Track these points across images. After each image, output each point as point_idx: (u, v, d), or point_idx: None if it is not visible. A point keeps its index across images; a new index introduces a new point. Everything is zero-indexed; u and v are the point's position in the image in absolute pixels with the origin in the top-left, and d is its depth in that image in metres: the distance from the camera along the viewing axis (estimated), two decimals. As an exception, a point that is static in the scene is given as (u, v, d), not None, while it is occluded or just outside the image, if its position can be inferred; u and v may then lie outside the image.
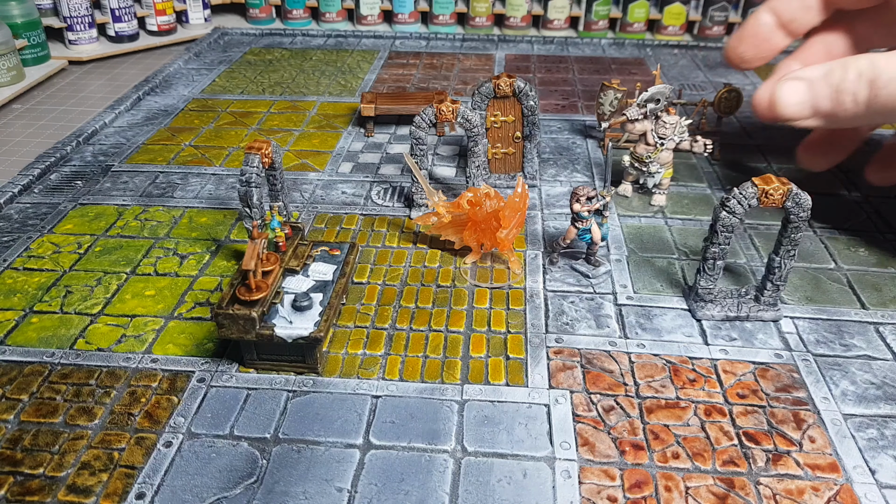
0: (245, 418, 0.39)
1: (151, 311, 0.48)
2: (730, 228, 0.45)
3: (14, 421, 0.39)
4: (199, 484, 0.36)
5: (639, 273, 0.53)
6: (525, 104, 0.63)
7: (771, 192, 0.43)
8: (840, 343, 0.46)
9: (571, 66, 1.01)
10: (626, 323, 0.48)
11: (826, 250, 0.57)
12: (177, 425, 0.39)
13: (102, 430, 0.39)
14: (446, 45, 1.10)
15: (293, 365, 0.42)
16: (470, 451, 0.38)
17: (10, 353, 0.44)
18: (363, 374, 0.43)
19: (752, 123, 0.83)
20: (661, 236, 0.58)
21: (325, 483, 0.36)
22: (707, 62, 1.05)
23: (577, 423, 0.39)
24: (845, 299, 0.50)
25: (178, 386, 0.42)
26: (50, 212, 0.60)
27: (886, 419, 0.40)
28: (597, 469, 0.37)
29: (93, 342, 0.45)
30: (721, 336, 0.46)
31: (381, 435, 0.39)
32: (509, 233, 0.50)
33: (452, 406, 0.41)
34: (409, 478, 0.36)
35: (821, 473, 0.37)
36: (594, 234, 0.52)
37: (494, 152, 0.66)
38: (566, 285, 0.51)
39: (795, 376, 0.43)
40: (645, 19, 1.14)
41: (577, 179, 0.67)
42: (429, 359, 0.44)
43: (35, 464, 0.36)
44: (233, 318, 0.40)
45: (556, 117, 0.83)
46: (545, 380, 0.42)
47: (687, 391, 0.42)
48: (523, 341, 0.46)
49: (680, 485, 0.36)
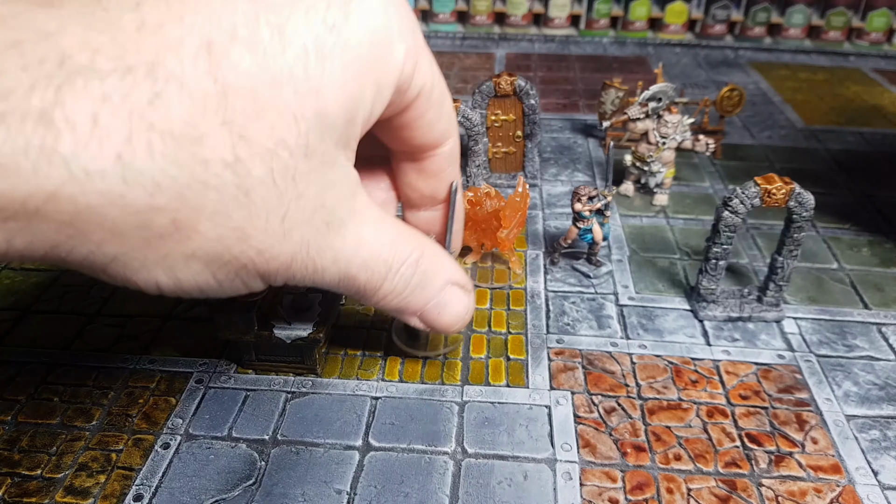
0: (243, 419, 0.39)
1: (149, 311, 0.48)
2: (732, 228, 0.45)
3: (11, 422, 0.39)
4: (197, 486, 0.35)
5: (640, 273, 0.53)
6: (526, 103, 0.62)
7: (773, 191, 0.43)
8: (843, 344, 0.46)
9: (572, 65, 1.00)
10: (628, 323, 0.47)
11: (829, 250, 0.56)
12: (175, 426, 0.39)
13: (100, 431, 0.38)
14: (446, 44, 1.09)
15: (292, 366, 0.42)
16: (470, 453, 0.37)
17: (7, 353, 0.44)
18: (362, 375, 0.42)
19: (754, 122, 0.82)
20: (663, 236, 0.58)
21: (324, 485, 0.35)
22: (709, 61, 1.04)
23: (578, 425, 0.39)
24: (848, 300, 0.50)
25: (175, 387, 0.41)
26: (48, 211, 0.60)
27: (889, 420, 0.40)
28: (598, 471, 0.36)
29: (90, 343, 0.45)
30: (723, 337, 0.46)
31: (380, 436, 0.38)
32: (510, 233, 0.50)
33: (452, 407, 0.40)
34: (408, 480, 0.36)
35: (823, 475, 0.36)
36: (595, 233, 0.51)
37: (495, 151, 0.65)
38: (567, 285, 0.51)
39: (798, 377, 0.43)
40: (646, 17, 1.14)
41: (578, 179, 0.67)
42: (429, 359, 0.44)
43: (32, 465, 0.36)
44: (231, 319, 0.40)
45: (557, 116, 0.82)
46: (546, 381, 0.42)
47: (689, 392, 0.42)
48: (524, 342, 0.45)
49: (682, 486, 0.36)
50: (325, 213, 0.24)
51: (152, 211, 0.19)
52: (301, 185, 0.22)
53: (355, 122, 0.24)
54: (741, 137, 0.77)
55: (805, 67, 1.06)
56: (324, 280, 0.27)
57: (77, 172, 0.18)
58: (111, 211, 0.19)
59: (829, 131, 0.80)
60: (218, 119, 0.20)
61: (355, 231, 0.26)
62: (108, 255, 0.20)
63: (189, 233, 0.20)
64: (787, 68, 1.05)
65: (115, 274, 0.21)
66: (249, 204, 0.21)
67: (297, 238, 0.24)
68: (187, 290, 0.23)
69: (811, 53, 1.12)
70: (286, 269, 0.24)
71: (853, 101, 0.91)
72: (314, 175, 0.23)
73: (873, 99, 0.92)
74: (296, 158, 0.22)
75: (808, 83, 0.98)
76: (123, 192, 0.19)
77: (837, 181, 0.67)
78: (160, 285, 0.22)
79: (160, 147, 0.19)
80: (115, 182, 0.18)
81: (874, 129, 0.81)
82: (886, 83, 0.99)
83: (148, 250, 0.20)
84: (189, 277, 0.22)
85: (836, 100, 0.91)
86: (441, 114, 0.30)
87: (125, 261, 0.20)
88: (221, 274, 0.23)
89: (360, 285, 0.29)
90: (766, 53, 1.12)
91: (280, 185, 0.22)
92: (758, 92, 0.93)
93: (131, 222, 0.19)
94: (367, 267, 0.28)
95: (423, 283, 0.32)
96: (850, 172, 0.69)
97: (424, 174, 0.34)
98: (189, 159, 0.19)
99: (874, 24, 1.13)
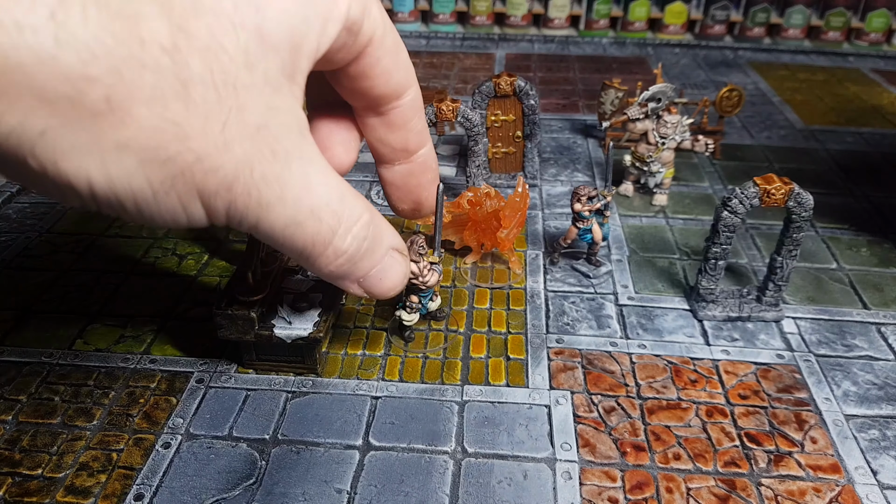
0: (244, 419, 0.39)
1: (150, 311, 0.48)
2: (731, 228, 0.45)
3: (12, 422, 0.39)
4: (197, 485, 0.35)
5: (640, 273, 0.53)
6: (525, 103, 0.62)
7: (773, 191, 0.43)
8: (842, 343, 0.46)
9: (572, 65, 1.00)
10: (628, 323, 0.47)
11: (828, 250, 0.56)
12: (175, 426, 0.39)
13: (101, 430, 0.38)
14: (446, 44, 1.09)
15: (292, 365, 0.42)
16: (470, 452, 0.37)
17: (8, 353, 0.44)
18: (363, 375, 0.43)
19: (753, 122, 0.82)
20: (663, 236, 0.58)
21: (324, 484, 0.35)
22: (708, 61, 1.04)
23: (577, 424, 0.39)
24: (847, 300, 0.50)
25: (176, 386, 0.42)
26: (48, 212, 0.60)
27: (888, 420, 0.40)
28: (598, 470, 0.37)
29: (91, 342, 0.45)
30: (723, 336, 0.46)
31: (380, 436, 0.38)
32: (510, 233, 0.50)
33: (452, 407, 0.40)
34: (408, 479, 0.36)
35: (822, 474, 0.37)
36: (595, 233, 0.51)
37: (495, 152, 0.65)
38: (567, 285, 0.51)
39: (797, 377, 0.43)
40: (646, 18, 1.14)
41: (577, 179, 0.67)
42: (429, 359, 0.44)
43: (33, 464, 0.36)
44: (232, 319, 0.40)
45: (556, 116, 0.82)
46: (546, 380, 0.42)
47: (688, 392, 0.42)
48: (524, 342, 0.45)
49: (681, 486, 0.36)
50: (270, 137, 0.23)
51: (85, 81, 0.19)
52: (242, 96, 0.22)
53: (300, 52, 0.24)
54: (740, 138, 0.78)
55: (804, 68, 1.06)
56: (269, 221, 0.25)
57: (7, 23, 0.17)
58: (42, 72, 0.18)
59: (828, 131, 0.80)
60: (156, 3, 0.19)
61: (303, 171, 0.25)
62: (36, 127, 0.19)
63: (123, 116, 0.20)
64: (786, 69, 1.05)
65: (43, 158, 0.20)
66: (187, 98, 0.21)
67: (240, 153, 0.22)
68: (120, 194, 0.21)
69: (810, 54, 1.12)
70: (227, 189, 0.23)
71: (852, 102, 0.91)
72: (256, 91, 0.22)
73: (872, 99, 0.92)
74: (236, 65, 0.21)
75: (807, 83, 0.98)
76: (56, 54, 0.18)
77: (836, 181, 0.68)
78: (91, 182, 0.21)
79: (94, 14, 0.18)
80: (48, 41, 0.18)
81: (873, 130, 0.81)
82: (885, 83, 0.99)
83: (80, 130, 0.19)
84: (122, 176, 0.21)
85: (836, 100, 0.92)
86: (398, 62, 0.31)
87: (54, 138, 0.19)
88: (157, 179, 0.21)
89: (307, 237, 0.27)
90: (765, 54, 1.12)
91: (220, 90, 0.21)
92: (757, 92, 0.93)
93: (62, 91, 0.19)
94: (316, 216, 0.26)
95: (372, 248, 0.31)
96: (849, 172, 0.69)
97: (392, 127, 0.35)
98: (125, 34, 0.19)
99: (873, 24, 1.13)
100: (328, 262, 0.30)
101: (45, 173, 0.21)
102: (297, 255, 0.28)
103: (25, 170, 0.21)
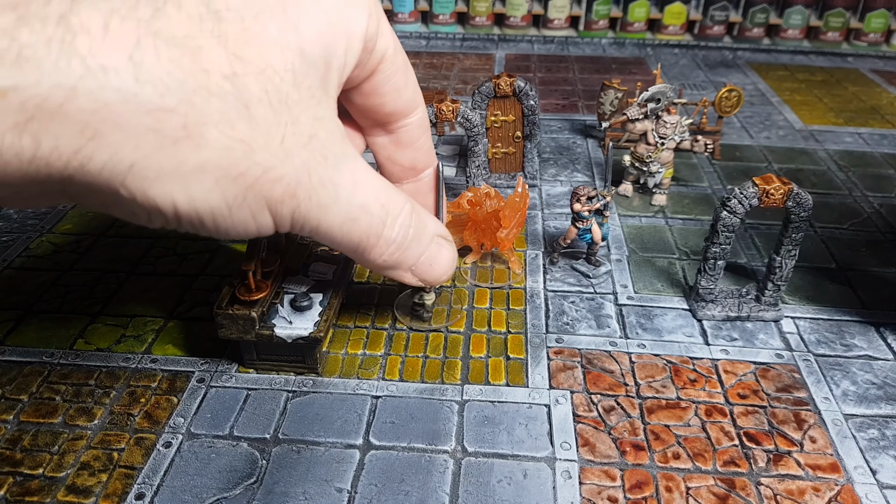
0: (245, 419, 0.39)
1: (151, 310, 0.48)
2: (731, 228, 0.45)
3: (14, 421, 0.39)
4: (198, 484, 0.35)
5: (639, 273, 0.53)
6: (525, 104, 0.63)
7: (772, 191, 0.43)
8: (841, 343, 0.46)
9: (572, 66, 1.00)
10: (627, 323, 0.47)
11: (827, 250, 0.56)
12: (176, 426, 0.39)
13: (102, 430, 0.39)
14: (446, 45, 1.10)
15: (293, 365, 0.42)
16: (470, 452, 0.38)
17: (9, 353, 0.44)
18: (363, 375, 0.43)
19: (752, 123, 0.83)
20: (662, 236, 0.58)
21: (324, 483, 0.36)
22: (707, 61, 1.05)
23: (577, 424, 0.39)
24: (846, 300, 0.50)
25: (177, 386, 0.42)
26: (49, 212, 0.60)
27: (887, 419, 0.40)
28: (597, 469, 0.37)
29: (92, 342, 0.45)
30: (722, 336, 0.46)
31: (381, 435, 0.38)
32: (509, 233, 0.50)
33: (452, 406, 0.40)
34: (409, 478, 0.36)
35: (822, 474, 0.37)
36: (595, 233, 0.52)
37: (494, 152, 0.65)
38: (566, 285, 0.51)
39: (796, 376, 0.43)
40: (645, 18, 1.14)
41: (577, 179, 0.67)
42: (429, 359, 0.44)
43: (34, 464, 0.36)
44: (233, 319, 0.40)
45: (556, 117, 0.82)
46: (545, 380, 0.42)
47: (688, 391, 0.42)
48: (524, 341, 0.45)
49: (681, 485, 0.36)
50: (320, 145, 0.25)
51: (163, 112, 0.20)
52: (294, 110, 0.24)
53: (332, 68, 0.26)
54: (740, 138, 0.78)
55: (803, 68, 1.06)
56: (328, 221, 0.27)
57: (94, 68, 0.19)
58: (126, 109, 0.20)
59: (827, 132, 0.81)
60: (214, 36, 0.21)
61: (351, 171, 0.27)
62: (126, 161, 0.21)
63: (198, 139, 0.22)
64: (785, 69, 1.05)
65: (133, 188, 0.22)
66: (250, 117, 0.22)
67: (298, 162, 0.25)
68: (201, 212, 0.23)
69: (809, 54, 1.12)
70: (291, 196, 0.25)
71: (851, 102, 0.91)
72: (304, 105, 0.24)
73: (871, 99, 0.93)
74: (286, 84, 0.23)
75: (806, 84, 0.99)
76: (136, 91, 0.20)
77: (835, 181, 0.68)
78: (176, 204, 0.23)
79: (165, 52, 0.20)
80: (129, 80, 0.20)
81: (872, 130, 0.82)
82: (884, 83, 0.99)
83: (163, 157, 0.21)
84: (202, 195, 0.23)
85: (835, 100, 0.92)
86: (407, 80, 0.32)
87: (142, 169, 0.21)
88: (231, 194, 0.23)
89: (362, 231, 0.29)
90: (764, 54, 1.12)
91: (276, 106, 0.23)
92: (756, 92, 0.94)
93: (145, 123, 0.20)
94: (367, 210, 0.28)
95: (418, 236, 0.33)
96: (848, 173, 0.69)
97: (401, 145, 0.36)
98: (192, 66, 0.21)
99: (872, 24, 1.14)
100: (381, 253, 0.31)
101: (135, 201, 0.22)
102: (353, 249, 0.30)
103: (116, 200, 0.22)
